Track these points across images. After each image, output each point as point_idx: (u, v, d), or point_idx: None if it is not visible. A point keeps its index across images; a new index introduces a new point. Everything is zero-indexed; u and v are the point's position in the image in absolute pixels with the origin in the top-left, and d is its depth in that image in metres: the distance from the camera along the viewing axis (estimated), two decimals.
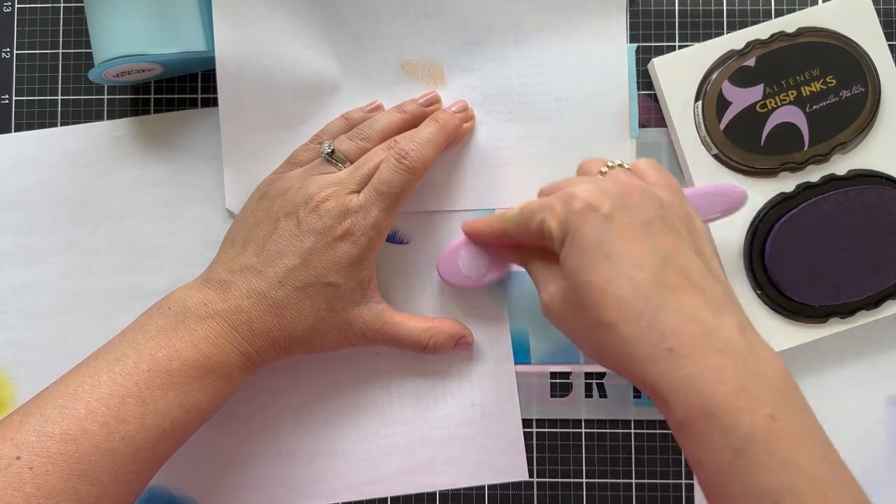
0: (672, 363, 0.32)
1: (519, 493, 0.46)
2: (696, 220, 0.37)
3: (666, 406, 0.32)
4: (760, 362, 0.32)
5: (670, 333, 0.32)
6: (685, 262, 0.34)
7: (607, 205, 0.34)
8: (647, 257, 0.33)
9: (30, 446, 0.34)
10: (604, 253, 0.34)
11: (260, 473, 0.46)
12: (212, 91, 0.47)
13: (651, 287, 0.33)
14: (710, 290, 0.33)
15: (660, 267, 0.33)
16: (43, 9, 0.48)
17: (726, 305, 0.33)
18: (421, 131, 0.42)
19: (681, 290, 0.33)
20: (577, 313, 0.35)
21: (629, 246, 0.34)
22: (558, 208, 0.35)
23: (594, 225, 0.34)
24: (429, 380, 0.46)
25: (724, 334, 0.32)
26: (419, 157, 0.41)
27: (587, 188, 0.35)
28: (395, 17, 0.46)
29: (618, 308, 0.33)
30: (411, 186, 0.41)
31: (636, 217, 0.34)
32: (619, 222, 0.34)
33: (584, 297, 0.34)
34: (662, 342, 0.32)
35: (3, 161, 0.47)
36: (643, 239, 0.34)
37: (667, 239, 0.34)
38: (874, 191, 0.44)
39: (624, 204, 0.35)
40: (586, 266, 0.34)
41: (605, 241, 0.34)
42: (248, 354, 0.40)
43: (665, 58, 0.45)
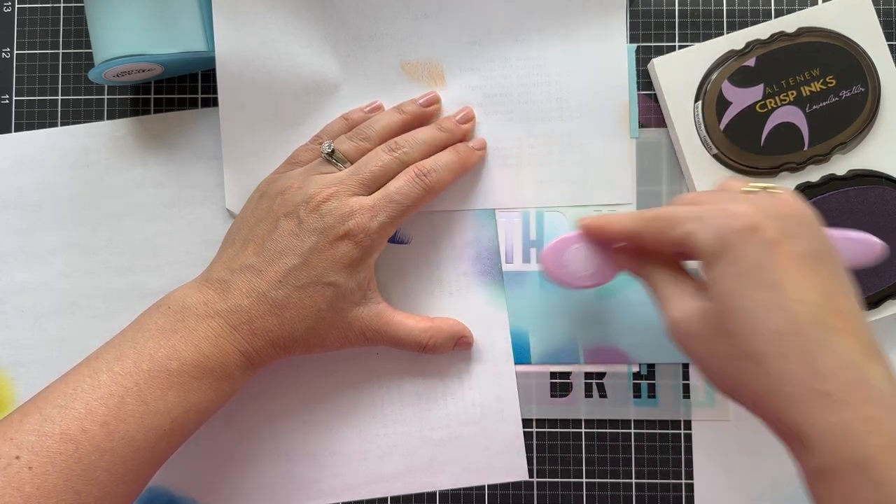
0: (825, 406, 0.30)
1: (519, 493, 0.46)
2: (839, 257, 0.35)
3: (807, 451, 0.31)
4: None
5: (827, 375, 0.30)
6: (844, 301, 0.32)
7: (773, 229, 0.32)
8: (810, 291, 0.32)
9: (29, 446, 0.34)
10: (764, 279, 0.32)
11: (260, 473, 0.46)
12: (212, 91, 0.47)
13: (810, 323, 0.31)
14: (863, 335, 0.32)
15: (821, 304, 0.32)
16: (43, 9, 0.48)
17: (876, 353, 0.32)
18: (443, 157, 0.43)
19: (838, 331, 0.31)
20: (719, 339, 0.33)
21: (792, 276, 0.32)
22: (715, 222, 0.33)
23: (756, 248, 0.32)
24: (429, 380, 0.46)
25: (878, 382, 0.31)
26: (438, 178, 0.42)
27: (749, 208, 0.33)
28: (395, 17, 0.46)
29: (771, 341, 0.31)
30: (422, 202, 0.42)
31: (800, 246, 0.32)
32: (784, 249, 0.32)
33: (734, 323, 0.32)
34: (817, 383, 0.30)
35: (3, 161, 0.47)
36: (807, 271, 0.32)
37: (826, 274, 0.33)
38: (874, 191, 0.44)
39: (789, 230, 0.33)
40: (742, 290, 0.32)
41: (766, 267, 0.32)
42: (247, 354, 0.40)
43: (665, 58, 0.45)
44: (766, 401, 0.32)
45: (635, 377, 0.46)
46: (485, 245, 0.46)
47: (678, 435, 0.46)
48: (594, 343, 0.46)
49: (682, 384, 0.46)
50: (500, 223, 0.46)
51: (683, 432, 0.46)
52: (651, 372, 0.46)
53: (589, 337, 0.46)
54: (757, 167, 0.44)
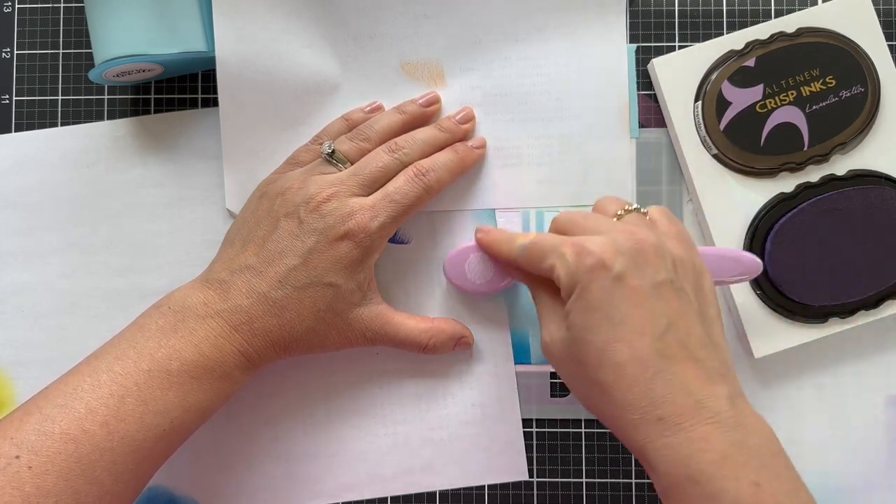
0: (660, 430, 0.33)
1: (519, 493, 0.46)
2: (705, 278, 0.37)
3: (653, 471, 0.33)
4: (746, 431, 0.33)
5: (661, 402, 0.33)
6: (686, 330, 0.34)
7: (619, 264, 0.34)
8: (650, 324, 0.34)
9: (29, 445, 0.34)
10: (608, 315, 0.34)
11: (260, 473, 0.46)
12: (212, 91, 0.47)
13: (649, 355, 0.33)
14: (706, 360, 0.34)
15: (661, 335, 0.34)
16: (43, 9, 0.48)
17: (720, 376, 0.34)
18: (441, 156, 0.43)
19: (677, 360, 0.33)
20: (575, 365, 0.35)
21: (634, 311, 0.34)
22: (570, 259, 0.35)
23: (603, 285, 0.34)
24: (429, 380, 0.46)
25: (714, 404, 0.33)
26: (437, 178, 0.42)
27: (600, 243, 0.35)
28: (395, 17, 0.46)
29: (613, 372, 0.34)
30: (422, 202, 0.42)
31: (646, 279, 0.34)
32: (628, 284, 0.34)
33: (583, 354, 0.35)
34: (653, 410, 0.33)
35: (3, 161, 0.47)
36: (649, 304, 0.34)
37: (673, 305, 0.34)
38: (874, 191, 0.44)
39: (636, 264, 0.35)
40: (589, 324, 0.34)
41: (610, 303, 0.34)
42: (247, 354, 0.40)
43: (665, 58, 0.45)
44: (614, 423, 0.35)
45: None
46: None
47: None
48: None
49: None
50: (500, 223, 0.46)
51: None
52: None
53: None
54: (757, 167, 0.44)
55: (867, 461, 0.45)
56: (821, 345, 0.45)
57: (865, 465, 0.45)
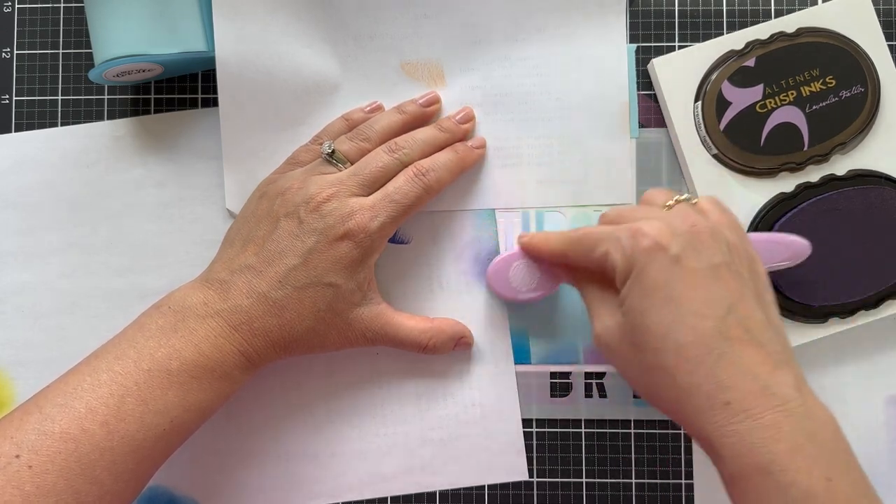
0: (728, 416, 0.32)
1: (519, 493, 0.46)
2: (759, 265, 0.37)
3: (719, 458, 0.32)
4: (816, 423, 0.32)
5: (728, 386, 0.32)
6: (748, 312, 0.34)
7: (676, 246, 0.34)
8: (712, 305, 0.33)
9: (29, 445, 0.34)
10: (668, 296, 0.34)
11: (260, 473, 0.46)
12: (212, 91, 0.47)
13: (712, 337, 0.33)
14: (769, 344, 0.33)
15: (723, 317, 0.33)
16: (43, 9, 0.48)
17: (784, 361, 0.33)
18: (441, 156, 0.43)
19: (741, 342, 0.33)
20: (633, 352, 0.35)
21: (694, 292, 0.33)
22: (625, 243, 0.35)
23: (661, 266, 0.34)
24: (429, 380, 0.46)
25: (782, 391, 0.32)
26: (437, 178, 0.42)
27: (657, 226, 0.35)
28: (395, 17, 0.46)
29: (676, 355, 0.33)
30: (422, 202, 0.42)
31: (704, 261, 0.34)
32: (687, 266, 0.34)
33: (643, 338, 0.34)
34: (720, 395, 0.32)
35: (3, 161, 0.47)
36: (709, 285, 0.34)
37: (732, 286, 0.34)
38: (874, 191, 0.44)
39: (693, 246, 0.34)
40: (648, 307, 0.34)
41: (670, 285, 0.34)
42: (247, 354, 0.40)
43: (665, 58, 0.45)
44: (677, 409, 0.34)
45: None
46: (485, 245, 0.46)
47: (678, 435, 0.46)
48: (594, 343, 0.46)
49: None
50: (500, 223, 0.46)
51: (683, 432, 0.46)
52: None
53: (589, 337, 0.46)
54: (757, 167, 0.44)
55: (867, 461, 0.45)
56: (821, 345, 0.45)
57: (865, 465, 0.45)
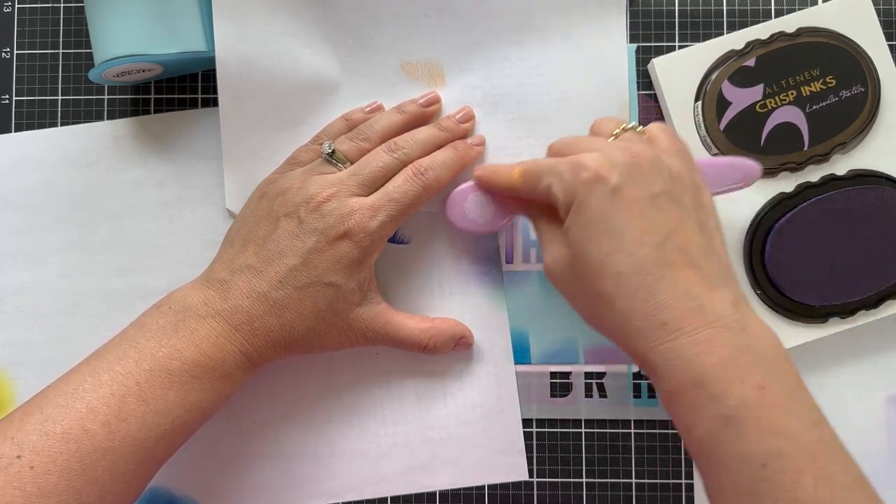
0: (664, 335, 0.33)
1: (519, 493, 0.46)
2: (703, 193, 0.37)
3: (657, 376, 0.34)
4: (751, 336, 0.33)
5: (664, 308, 0.33)
6: (687, 238, 0.35)
7: (615, 177, 0.35)
8: (649, 233, 0.34)
9: (31, 445, 0.34)
10: (607, 227, 0.34)
11: (260, 473, 0.46)
12: (212, 91, 0.47)
13: (649, 263, 0.34)
14: (707, 267, 0.34)
15: (660, 244, 0.34)
16: (43, 9, 0.48)
17: (722, 282, 0.34)
18: (440, 155, 0.43)
19: (678, 266, 0.34)
20: (577, 282, 0.36)
21: (632, 221, 0.34)
22: (566, 176, 0.36)
23: (600, 197, 0.35)
24: (429, 380, 0.46)
25: (717, 309, 0.33)
26: (436, 176, 0.42)
27: (596, 158, 0.35)
28: (395, 17, 0.46)
29: (615, 282, 0.34)
30: (422, 201, 0.42)
31: (643, 191, 0.35)
32: (626, 196, 0.34)
33: (584, 267, 0.35)
34: (656, 315, 0.33)
35: (3, 161, 0.47)
36: (647, 214, 0.34)
37: (671, 214, 0.35)
38: (874, 191, 0.44)
39: (632, 176, 0.35)
40: (588, 238, 0.35)
41: (608, 215, 0.34)
42: (248, 354, 0.40)
43: (665, 58, 0.45)
44: (620, 334, 0.35)
45: (635, 377, 0.46)
46: (485, 245, 0.46)
47: (678, 435, 0.46)
48: (594, 343, 0.46)
49: None
50: None
51: None
52: None
53: (589, 337, 0.46)
54: None
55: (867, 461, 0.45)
56: (821, 345, 0.45)
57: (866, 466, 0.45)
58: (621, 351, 0.35)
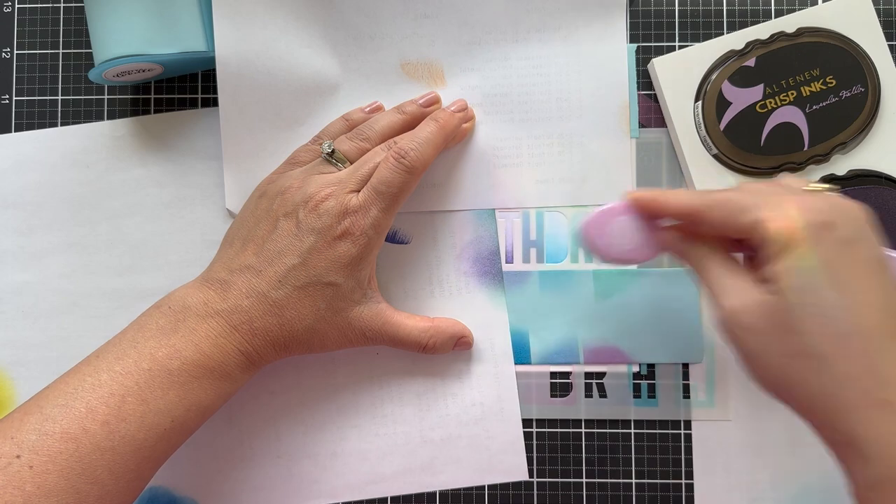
0: (885, 415, 0.30)
1: (519, 493, 0.46)
2: None
3: (861, 460, 0.30)
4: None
5: (889, 383, 0.30)
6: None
7: (847, 229, 0.32)
8: (880, 297, 0.31)
9: (30, 445, 0.34)
10: (836, 280, 0.31)
11: (260, 473, 0.46)
12: (212, 91, 0.47)
13: (877, 329, 0.31)
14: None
15: (887, 310, 0.31)
16: (43, 9, 0.48)
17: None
18: (420, 131, 0.42)
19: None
20: (779, 335, 0.32)
21: (864, 281, 0.31)
22: (791, 213, 0.32)
23: (831, 247, 0.31)
24: (429, 380, 0.46)
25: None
26: (418, 156, 0.41)
27: (825, 204, 0.32)
28: (395, 17, 0.46)
29: (836, 342, 0.31)
30: (410, 186, 0.41)
31: (872, 251, 0.32)
32: (859, 252, 0.32)
33: (799, 320, 0.31)
34: (879, 391, 0.30)
35: (3, 161, 0.47)
36: (877, 277, 0.32)
37: (891, 285, 0.32)
38: (874, 191, 0.44)
39: (864, 232, 0.32)
40: (813, 287, 0.31)
41: (840, 267, 0.31)
42: (247, 354, 0.40)
43: (665, 58, 0.45)
44: (821, 404, 0.31)
45: (635, 377, 0.46)
46: (485, 245, 0.46)
47: (678, 435, 0.46)
48: (594, 343, 0.46)
49: (682, 384, 0.46)
50: (500, 223, 0.46)
51: (683, 432, 0.46)
52: (651, 372, 0.46)
53: (589, 337, 0.46)
54: (757, 167, 0.44)
55: None
56: None
57: None
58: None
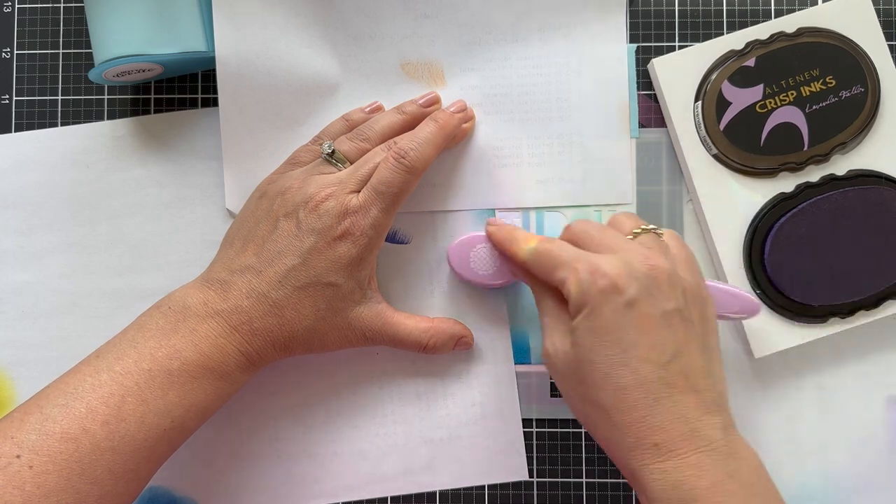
0: (655, 456, 0.34)
1: (519, 493, 0.46)
2: (709, 307, 0.38)
3: (644, 495, 0.35)
4: (739, 462, 0.34)
5: (658, 429, 0.34)
6: (691, 360, 0.35)
7: (633, 290, 0.35)
8: (656, 351, 0.34)
9: (30, 445, 0.34)
10: (616, 339, 0.34)
11: (260, 473, 0.46)
12: (212, 91, 0.47)
13: (652, 382, 0.34)
14: (705, 391, 0.35)
15: (666, 364, 0.34)
16: (43, 9, 0.48)
17: (717, 406, 0.35)
18: (420, 131, 0.42)
19: (678, 389, 0.34)
20: (576, 383, 0.36)
21: (642, 337, 0.34)
22: (583, 276, 0.35)
23: (614, 308, 0.35)
24: (429, 380, 0.46)
25: (708, 433, 0.34)
26: (418, 156, 0.41)
27: (616, 265, 0.35)
28: (395, 17, 0.46)
29: (615, 395, 0.34)
30: (410, 186, 0.41)
31: (657, 308, 0.35)
32: (640, 311, 0.35)
33: (587, 374, 0.35)
34: (650, 436, 0.34)
35: (3, 161, 0.47)
36: (658, 331, 0.35)
37: (680, 334, 0.35)
38: (874, 191, 0.44)
39: (649, 291, 0.35)
40: (596, 346, 0.35)
41: (620, 327, 0.34)
42: (247, 354, 0.40)
43: (665, 58, 0.45)
44: (612, 445, 0.36)
45: None
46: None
47: None
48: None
49: None
50: None
51: None
52: None
53: None
54: (757, 167, 0.44)
55: (868, 461, 0.45)
56: (821, 345, 0.45)
57: (866, 466, 0.45)
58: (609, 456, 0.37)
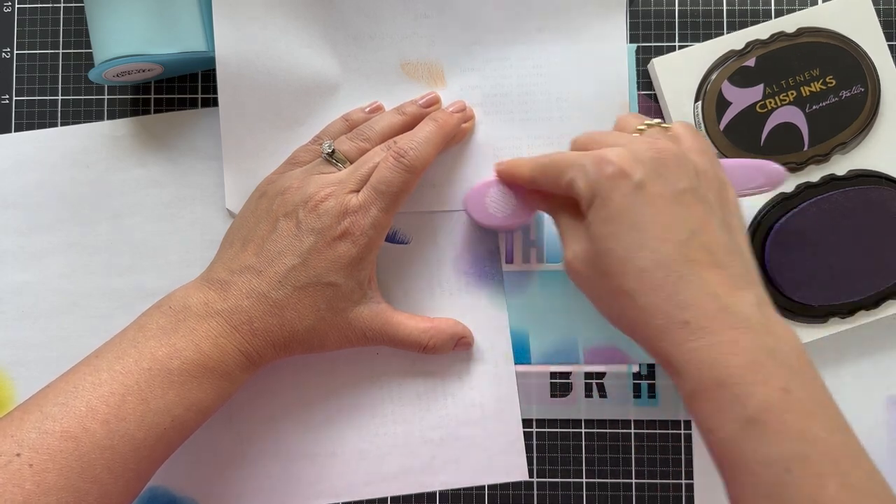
0: (687, 335, 0.32)
1: (519, 493, 0.46)
2: (728, 190, 0.37)
3: (679, 377, 0.33)
4: (775, 338, 0.32)
5: (687, 306, 0.32)
6: (711, 236, 0.34)
7: (640, 172, 0.34)
8: (673, 230, 0.34)
9: (30, 443, 0.34)
10: (630, 222, 0.34)
11: (260, 473, 0.46)
12: (212, 91, 0.47)
13: (673, 260, 0.33)
14: (731, 266, 0.34)
15: (685, 241, 0.33)
16: (43, 9, 0.48)
17: (746, 282, 0.34)
18: (419, 131, 0.42)
19: (702, 264, 0.33)
20: (599, 278, 0.35)
21: (656, 217, 0.34)
22: (589, 170, 0.35)
23: (624, 192, 0.34)
24: (429, 380, 0.46)
25: (741, 309, 0.33)
26: (417, 155, 0.41)
27: (620, 153, 0.35)
28: (395, 17, 0.46)
29: (638, 278, 0.33)
30: (410, 185, 0.41)
31: (668, 187, 0.34)
32: (650, 192, 0.34)
33: (606, 264, 0.34)
34: (679, 314, 0.33)
35: (3, 161, 0.47)
36: (671, 210, 0.34)
37: (696, 211, 0.34)
38: (874, 191, 0.44)
39: (657, 172, 0.34)
40: (611, 233, 0.34)
41: (632, 210, 0.34)
42: (248, 354, 0.40)
43: (665, 58, 0.45)
44: (641, 332, 0.34)
45: (635, 377, 0.46)
46: (485, 245, 0.46)
47: (678, 435, 0.46)
48: (594, 343, 0.46)
49: None
50: None
51: (683, 432, 0.46)
52: (651, 372, 0.46)
53: (589, 337, 0.46)
54: None
55: None
56: (821, 345, 0.45)
57: None
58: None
